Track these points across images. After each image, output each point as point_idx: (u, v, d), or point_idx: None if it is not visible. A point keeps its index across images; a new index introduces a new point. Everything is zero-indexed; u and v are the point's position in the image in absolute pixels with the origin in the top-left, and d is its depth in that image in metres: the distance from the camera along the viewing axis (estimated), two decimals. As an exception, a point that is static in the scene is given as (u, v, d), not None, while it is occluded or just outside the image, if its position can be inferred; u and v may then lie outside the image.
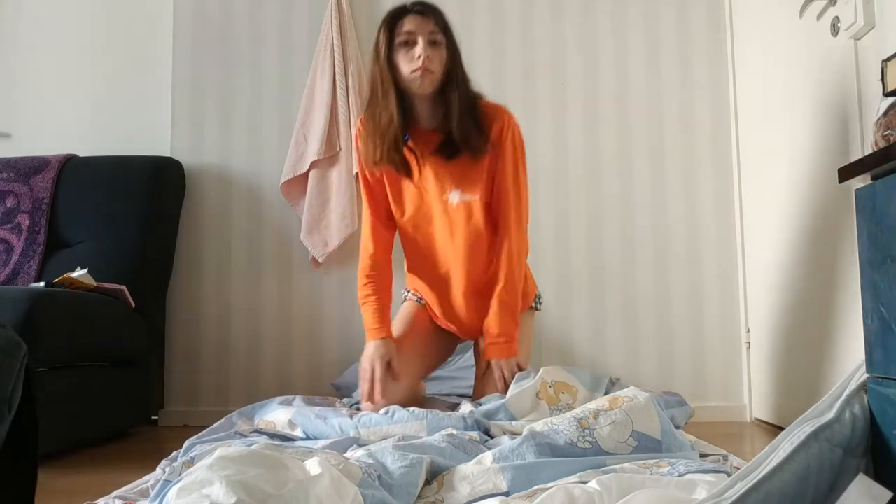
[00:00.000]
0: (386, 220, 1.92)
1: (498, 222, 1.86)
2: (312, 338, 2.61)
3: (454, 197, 1.81)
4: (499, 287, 1.85)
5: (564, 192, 2.60)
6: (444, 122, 1.77)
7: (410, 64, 1.69)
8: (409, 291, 2.07)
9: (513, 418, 1.70)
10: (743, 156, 2.54)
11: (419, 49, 1.67)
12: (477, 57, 2.64)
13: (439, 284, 1.93)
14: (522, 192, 1.87)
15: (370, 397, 1.82)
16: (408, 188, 1.87)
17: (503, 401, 1.73)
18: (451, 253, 1.87)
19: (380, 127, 1.75)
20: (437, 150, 1.80)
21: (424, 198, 1.86)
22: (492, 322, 1.84)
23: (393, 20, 1.72)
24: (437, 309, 1.98)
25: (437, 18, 1.73)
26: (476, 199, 1.81)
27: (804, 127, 2.04)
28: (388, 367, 1.82)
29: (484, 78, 2.63)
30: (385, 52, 1.71)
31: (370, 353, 1.86)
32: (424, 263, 1.92)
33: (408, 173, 1.82)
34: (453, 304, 1.94)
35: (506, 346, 1.83)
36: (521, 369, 1.84)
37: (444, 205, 1.83)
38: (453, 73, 1.76)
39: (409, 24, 1.70)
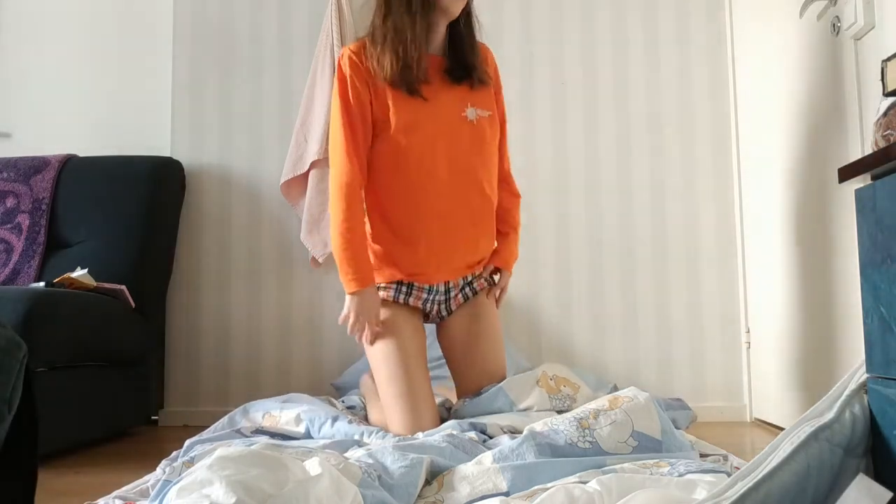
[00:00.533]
0: (363, 155, 1.81)
1: (500, 147, 1.97)
2: (312, 338, 2.61)
3: (472, 113, 1.83)
4: (513, 206, 1.99)
5: (564, 192, 2.60)
6: (451, 49, 1.85)
7: None
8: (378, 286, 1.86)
9: (512, 404, 1.71)
10: (743, 155, 2.54)
11: None
12: (477, 57, 2.64)
13: (431, 225, 1.82)
14: None
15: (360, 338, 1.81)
16: (416, 111, 1.79)
17: (500, 384, 1.75)
18: (468, 175, 1.83)
19: (405, 40, 1.75)
20: (445, 72, 1.84)
21: (437, 118, 1.81)
22: (510, 233, 1.98)
23: None
24: (416, 258, 1.83)
25: None
26: (491, 114, 1.88)
27: (804, 127, 2.04)
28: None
29: (484, 78, 2.64)
30: None
31: (360, 309, 1.75)
32: (420, 200, 1.81)
33: (419, 91, 1.78)
34: (445, 243, 1.83)
35: (512, 261, 1.99)
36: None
37: (461, 122, 1.82)
38: (471, 2, 1.86)
39: None
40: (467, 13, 1.85)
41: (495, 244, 1.96)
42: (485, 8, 2.64)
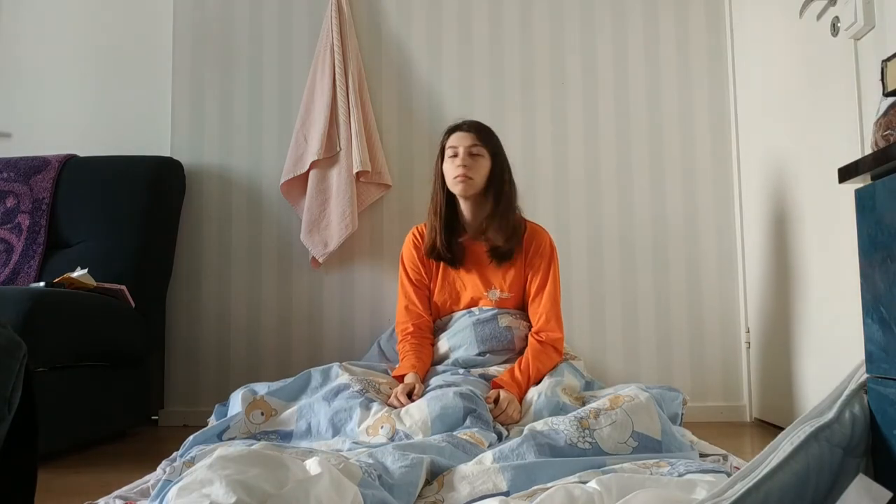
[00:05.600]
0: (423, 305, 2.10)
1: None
2: (312, 337, 2.61)
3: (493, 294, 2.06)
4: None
5: (564, 192, 2.60)
6: (482, 225, 2.03)
7: (454, 171, 1.99)
8: None
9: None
10: (743, 156, 2.54)
11: (459, 159, 1.98)
12: (476, 58, 2.64)
13: None
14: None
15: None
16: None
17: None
18: None
19: (434, 224, 2.04)
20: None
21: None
22: None
23: (445, 138, 2.05)
24: None
25: (478, 134, 2.02)
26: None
27: (804, 127, 2.04)
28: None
29: (483, 79, 2.64)
30: (438, 162, 2.05)
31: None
32: None
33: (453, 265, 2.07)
34: None
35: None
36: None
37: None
38: (493, 182, 2.02)
39: (454, 139, 2.02)
40: (492, 189, 2.02)
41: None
42: (485, 9, 2.65)
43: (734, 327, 2.54)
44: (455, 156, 1.99)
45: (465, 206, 2.05)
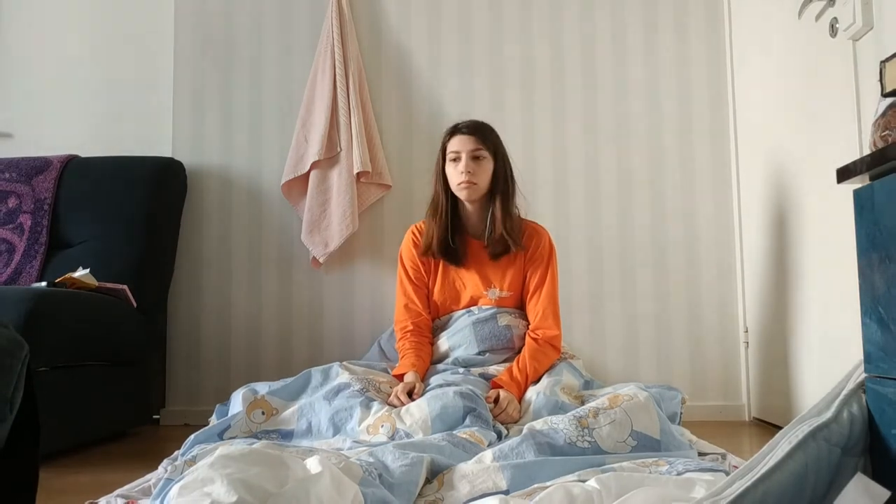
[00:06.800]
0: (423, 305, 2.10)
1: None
2: (313, 337, 2.61)
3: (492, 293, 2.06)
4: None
5: (564, 192, 2.61)
6: (485, 224, 2.03)
7: (458, 177, 1.96)
8: None
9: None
10: (742, 156, 2.54)
11: (462, 164, 1.95)
12: (476, 58, 2.65)
13: None
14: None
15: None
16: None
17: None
18: None
19: (434, 225, 2.02)
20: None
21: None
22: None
23: (445, 139, 2.02)
24: None
25: (479, 136, 1.98)
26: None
27: (803, 127, 2.04)
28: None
29: (483, 79, 2.65)
30: (440, 162, 2.02)
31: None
32: None
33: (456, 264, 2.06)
34: None
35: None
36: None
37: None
38: (497, 182, 2.01)
39: (455, 143, 1.98)
40: (496, 192, 2.01)
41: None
42: (484, 9, 2.65)
43: (733, 327, 2.54)
44: (457, 160, 1.97)
45: (469, 208, 2.03)
